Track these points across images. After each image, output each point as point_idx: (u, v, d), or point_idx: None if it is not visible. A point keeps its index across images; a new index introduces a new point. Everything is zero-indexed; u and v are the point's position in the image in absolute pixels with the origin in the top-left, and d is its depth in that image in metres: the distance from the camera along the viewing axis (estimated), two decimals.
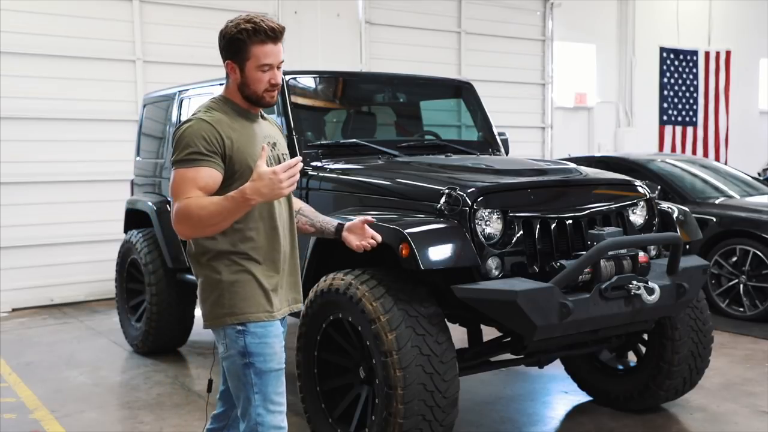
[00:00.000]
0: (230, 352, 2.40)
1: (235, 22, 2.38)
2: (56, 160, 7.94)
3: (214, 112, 2.39)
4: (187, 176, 2.28)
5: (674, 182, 7.33)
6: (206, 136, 2.30)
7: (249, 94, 2.42)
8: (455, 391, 3.34)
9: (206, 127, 2.32)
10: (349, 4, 9.99)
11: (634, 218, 3.85)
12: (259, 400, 2.39)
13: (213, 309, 2.41)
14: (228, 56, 2.41)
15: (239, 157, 2.35)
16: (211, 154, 2.30)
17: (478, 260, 3.31)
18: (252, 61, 2.37)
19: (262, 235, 2.42)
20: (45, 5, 7.81)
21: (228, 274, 2.38)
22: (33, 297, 7.88)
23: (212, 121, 2.34)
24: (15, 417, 4.51)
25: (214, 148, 2.30)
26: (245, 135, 2.40)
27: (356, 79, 5.40)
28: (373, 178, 3.98)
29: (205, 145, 2.29)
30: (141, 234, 5.84)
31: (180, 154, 2.30)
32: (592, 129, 13.08)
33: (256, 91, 2.40)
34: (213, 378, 2.72)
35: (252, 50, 2.35)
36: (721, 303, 6.65)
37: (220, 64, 2.48)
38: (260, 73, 2.38)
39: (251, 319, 2.38)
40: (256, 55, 2.36)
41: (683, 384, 4.23)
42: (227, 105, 2.44)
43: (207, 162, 2.29)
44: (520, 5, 11.63)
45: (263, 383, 2.39)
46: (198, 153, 2.29)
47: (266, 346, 2.40)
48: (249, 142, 2.39)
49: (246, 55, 2.37)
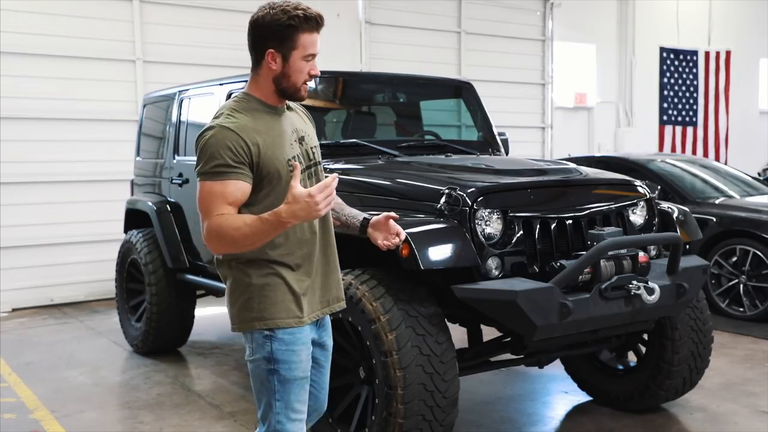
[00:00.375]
0: (256, 356, 2.34)
1: (281, 8, 2.25)
2: (56, 160, 7.94)
3: (237, 115, 2.27)
4: (215, 191, 2.19)
5: (674, 182, 7.33)
6: (231, 146, 2.19)
7: (287, 86, 2.32)
8: (455, 391, 3.34)
9: (231, 136, 2.20)
10: (349, 4, 9.99)
11: (634, 218, 3.85)
12: (280, 407, 2.34)
13: (241, 312, 2.33)
14: (271, 45, 2.27)
15: (267, 161, 2.25)
16: (239, 165, 2.20)
17: (478, 260, 3.31)
18: (299, 50, 2.27)
19: (294, 239, 2.33)
20: (45, 5, 7.81)
21: (258, 277, 2.30)
22: (33, 297, 7.88)
23: (236, 128, 2.22)
24: (15, 417, 4.51)
25: (241, 159, 2.20)
26: (271, 136, 2.28)
27: (356, 79, 5.40)
28: (373, 178, 3.98)
29: (231, 156, 2.19)
30: (141, 234, 5.84)
31: (205, 165, 2.20)
32: (592, 129, 13.08)
33: (296, 82, 2.31)
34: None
35: (301, 39, 2.26)
36: (721, 303, 6.65)
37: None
38: (304, 64, 2.29)
39: (280, 325, 2.30)
40: (304, 44, 2.27)
41: (683, 384, 4.23)
42: (251, 103, 2.33)
43: (235, 174, 2.19)
44: (520, 5, 11.63)
45: (286, 391, 2.33)
46: (225, 165, 2.18)
47: (293, 353, 2.32)
48: (276, 142, 2.29)
49: (294, 44, 2.26)
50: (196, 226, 5.30)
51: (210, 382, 5.16)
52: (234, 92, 4.97)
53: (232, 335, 6.44)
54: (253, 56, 2.35)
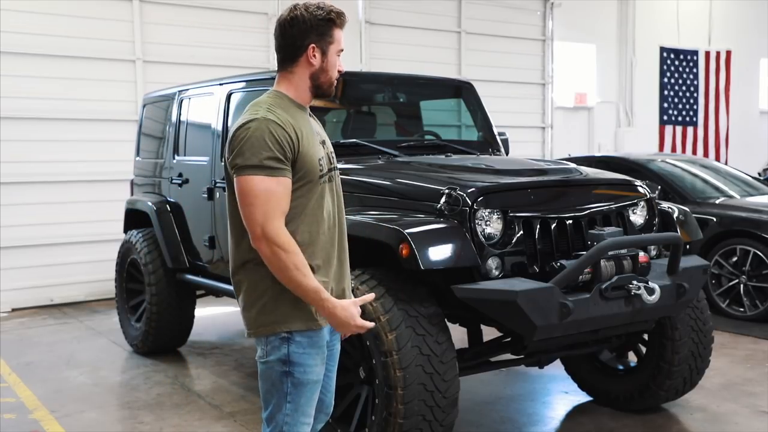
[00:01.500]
0: (269, 358, 2.30)
1: (315, 5, 2.32)
2: (56, 160, 7.94)
3: (277, 111, 2.22)
4: (270, 188, 2.14)
5: (674, 182, 7.33)
6: (279, 138, 2.16)
7: (323, 81, 2.34)
8: (455, 391, 3.34)
9: (276, 128, 2.16)
10: (349, 4, 9.97)
11: (634, 218, 3.84)
12: (290, 409, 2.31)
13: (259, 317, 2.29)
14: (312, 40, 2.30)
15: (305, 157, 2.23)
16: (286, 161, 2.17)
17: (478, 260, 3.31)
18: (335, 45, 2.34)
19: (317, 240, 2.30)
20: (45, 5, 7.81)
21: (276, 281, 2.24)
22: (33, 297, 7.87)
23: (282, 121, 2.19)
24: (15, 417, 4.51)
25: (287, 153, 2.17)
26: (307, 133, 2.27)
27: (356, 79, 5.40)
28: (373, 178, 3.98)
29: (279, 150, 2.15)
30: (141, 234, 5.84)
31: (252, 157, 2.13)
32: (593, 129, 13.07)
33: (331, 77, 2.35)
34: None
35: (336, 34, 2.34)
36: (722, 303, 6.65)
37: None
38: (337, 58, 2.37)
39: (300, 328, 2.28)
40: (338, 39, 2.35)
41: (683, 384, 4.22)
42: (284, 101, 2.30)
43: (284, 171, 2.16)
44: (520, 5, 11.63)
45: (298, 394, 2.31)
46: (274, 158, 2.14)
47: (309, 356, 2.30)
48: (311, 140, 2.28)
49: (331, 39, 2.34)
50: (196, 226, 5.33)
51: (210, 382, 5.15)
52: (234, 92, 4.98)
53: (232, 335, 6.44)
54: (289, 54, 2.34)
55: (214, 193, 4.99)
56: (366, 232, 3.47)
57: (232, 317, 7.04)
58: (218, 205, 4.95)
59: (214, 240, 5.07)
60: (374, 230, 3.44)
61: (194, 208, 5.33)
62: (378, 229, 3.43)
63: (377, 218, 3.53)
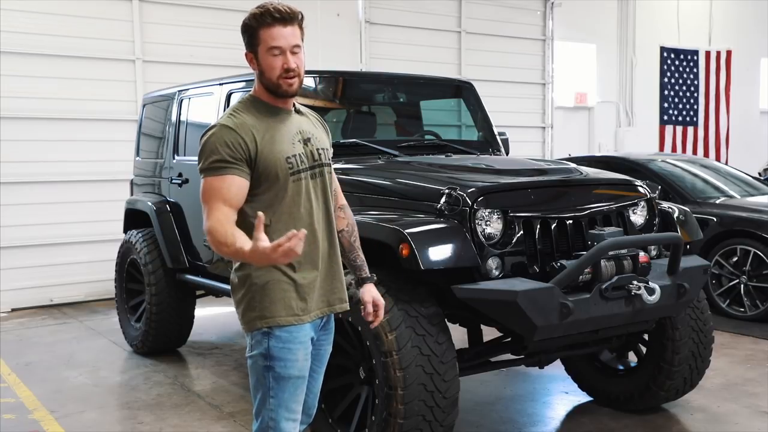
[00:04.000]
0: (254, 352, 2.37)
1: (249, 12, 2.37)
2: (56, 160, 7.93)
3: (238, 115, 2.34)
4: (214, 186, 2.26)
5: (675, 182, 7.32)
6: (229, 142, 2.27)
7: (267, 84, 2.37)
8: (455, 392, 3.33)
9: (229, 133, 2.28)
10: (349, 3, 9.98)
11: (634, 218, 3.84)
12: (274, 404, 2.36)
13: (246, 312, 2.38)
14: (246, 47, 2.39)
15: (264, 158, 2.30)
16: (235, 161, 2.27)
17: (478, 260, 3.30)
18: (262, 46, 2.33)
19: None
20: (45, 5, 7.81)
21: (261, 276, 2.34)
22: (33, 297, 7.87)
23: (235, 125, 2.30)
24: (14, 417, 4.50)
25: (238, 155, 2.27)
26: (271, 134, 2.34)
27: (356, 79, 5.40)
28: (373, 178, 3.98)
29: (228, 152, 2.26)
30: (141, 234, 5.84)
31: (204, 162, 2.29)
32: (593, 129, 13.07)
33: (270, 78, 2.34)
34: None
35: (261, 35, 2.32)
36: (722, 303, 6.65)
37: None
38: (271, 58, 2.32)
39: (279, 323, 2.33)
40: (264, 39, 2.32)
41: (684, 384, 4.22)
42: (254, 104, 2.39)
43: (231, 170, 2.26)
44: (520, 5, 11.62)
45: (281, 389, 2.35)
46: (221, 161, 2.26)
47: (288, 351, 2.34)
48: (276, 140, 2.33)
49: (256, 41, 2.34)
50: (196, 226, 5.33)
51: (210, 382, 5.15)
52: (234, 92, 4.97)
53: (232, 335, 6.44)
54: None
55: None
56: (366, 232, 3.46)
57: (232, 317, 7.03)
58: None
59: None
60: (374, 230, 3.44)
61: (194, 208, 5.33)
62: (378, 229, 3.43)
63: (377, 218, 3.53)
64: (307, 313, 2.38)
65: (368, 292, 2.58)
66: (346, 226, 2.62)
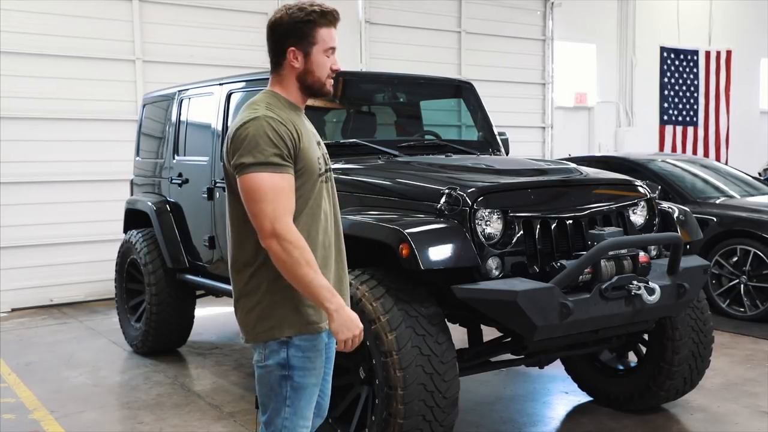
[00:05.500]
0: (267, 362, 2.28)
1: (298, 7, 2.28)
2: (56, 160, 7.93)
3: (275, 110, 2.23)
4: (279, 185, 2.13)
5: (675, 182, 7.32)
6: (282, 135, 2.16)
7: (312, 83, 2.30)
8: (455, 392, 3.33)
9: (279, 127, 2.17)
10: (349, 3, 9.98)
11: (634, 218, 3.84)
12: (290, 413, 2.30)
13: (259, 323, 2.27)
14: (291, 42, 2.28)
15: (305, 154, 2.23)
16: (289, 158, 2.18)
17: (478, 260, 3.30)
18: (319, 45, 2.28)
19: (316, 242, 2.28)
20: (45, 5, 7.81)
21: (278, 284, 2.24)
22: (32, 297, 7.87)
23: (281, 118, 2.20)
24: (14, 417, 4.50)
25: (290, 151, 2.18)
26: (304, 132, 2.27)
27: (356, 79, 5.40)
28: (373, 178, 3.97)
29: (283, 146, 2.16)
30: (141, 234, 5.84)
31: (259, 155, 2.12)
32: (593, 129, 13.07)
33: (320, 77, 2.30)
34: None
35: (320, 33, 2.28)
36: (722, 303, 6.65)
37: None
38: (325, 58, 2.30)
39: (299, 332, 2.26)
40: (323, 38, 2.29)
41: (684, 384, 4.22)
42: (280, 101, 2.29)
43: (288, 168, 2.16)
44: (520, 5, 11.62)
45: (298, 397, 2.29)
46: (279, 155, 2.14)
47: (308, 360, 2.28)
48: (309, 139, 2.29)
49: (313, 39, 2.28)
50: (196, 226, 5.33)
51: (210, 382, 5.15)
52: (234, 92, 4.97)
53: (232, 335, 6.44)
54: (275, 57, 2.34)
55: (214, 193, 4.99)
56: (366, 232, 3.47)
57: (232, 317, 6.96)
58: (218, 205, 4.95)
59: (214, 240, 5.07)
60: (374, 230, 3.44)
61: (194, 208, 5.33)
62: (378, 229, 3.43)
63: (377, 218, 3.53)
64: (325, 320, 2.29)
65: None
66: None
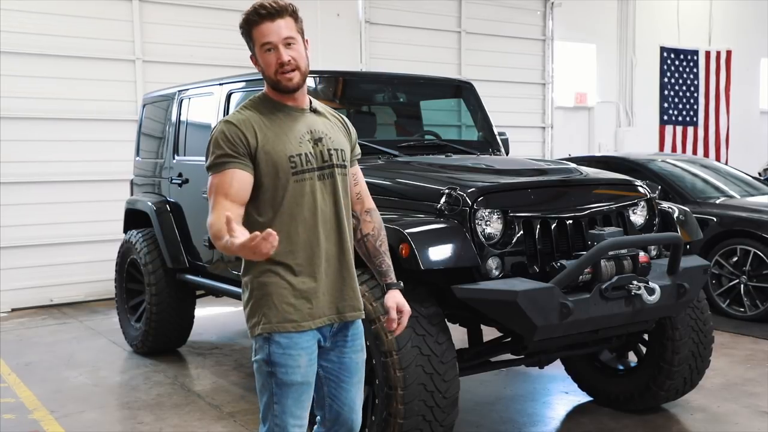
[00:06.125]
0: (257, 357, 2.35)
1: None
2: (56, 160, 7.93)
3: (244, 112, 2.35)
4: (215, 182, 2.27)
5: (675, 182, 7.32)
6: (230, 137, 2.27)
7: (269, 81, 2.35)
8: (455, 392, 3.33)
9: (230, 129, 2.29)
10: (349, 3, 9.98)
11: (634, 218, 3.84)
12: (278, 410, 2.33)
13: (249, 318, 2.36)
14: (249, 49, 2.39)
15: (265, 155, 2.28)
16: (237, 156, 2.26)
17: (478, 260, 3.30)
18: (256, 45, 2.32)
19: (295, 239, 2.30)
20: (45, 5, 7.81)
21: (259, 280, 2.31)
22: (32, 297, 7.87)
23: (237, 121, 2.30)
24: (14, 417, 4.50)
25: (239, 149, 2.26)
26: (274, 131, 2.31)
27: (356, 79, 5.40)
28: (373, 178, 3.96)
29: (229, 147, 2.26)
30: (141, 234, 5.84)
31: (209, 159, 2.30)
32: (593, 129, 13.07)
33: (269, 75, 2.32)
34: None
35: (253, 34, 2.32)
36: (722, 303, 6.65)
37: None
38: (266, 55, 2.31)
39: (278, 330, 2.29)
40: (256, 37, 2.31)
41: (684, 384, 4.22)
42: (263, 102, 2.38)
43: (232, 164, 2.25)
44: (520, 5, 11.62)
45: (283, 395, 2.32)
46: (223, 155, 2.26)
47: (289, 357, 2.30)
48: (280, 138, 2.31)
49: (252, 41, 2.33)
50: (196, 226, 5.33)
51: (210, 382, 5.15)
52: (234, 92, 4.98)
53: (232, 335, 6.44)
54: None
55: None
56: None
57: (232, 317, 7.03)
58: None
59: None
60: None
61: (194, 208, 5.33)
62: None
63: None
64: (310, 320, 2.31)
65: (392, 298, 2.49)
66: (372, 230, 2.55)
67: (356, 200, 2.53)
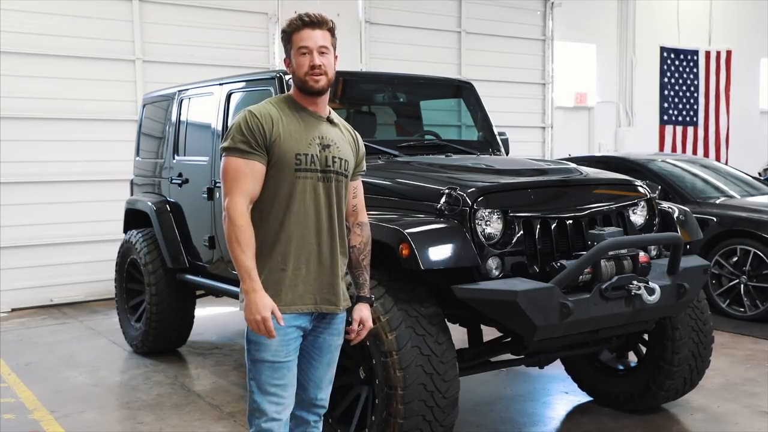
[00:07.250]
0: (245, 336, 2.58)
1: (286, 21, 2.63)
2: (56, 160, 7.93)
3: (267, 106, 2.56)
4: (241, 168, 2.45)
5: (675, 182, 7.32)
6: (252, 126, 2.48)
7: (296, 82, 2.57)
8: (455, 392, 3.33)
9: (252, 118, 2.49)
10: (349, 3, 9.98)
11: (634, 218, 3.84)
12: (254, 386, 2.54)
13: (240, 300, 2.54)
14: (285, 52, 2.64)
15: (277, 148, 2.48)
16: (257, 148, 2.47)
17: (478, 260, 3.30)
18: (293, 47, 2.56)
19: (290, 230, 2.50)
20: (45, 5, 7.81)
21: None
22: (32, 297, 7.87)
23: (260, 113, 2.51)
24: (14, 417, 4.50)
25: (257, 139, 2.47)
26: (289, 129, 2.52)
27: (356, 79, 5.40)
28: (373, 178, 3.96)
29: (250, 135, 2.47)
30: (140, 234, 5.83)
31: (227, 141, 2.49)
32: (593, 129, 13.07)
33: (300, 75, 2.54)
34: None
35: (293, 38, 2.56)
36: (722, 303, 6.65)
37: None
38: (300, 57, 2.53)
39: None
40: (295, 41, 2.55)
41: (684, 384, 4.22)
42: (288, 102, 2.60)
43: (255, 155, 2.46)
44: (520, 5, 11.62)
45: (258, 371, 2.53)
46: (245, 143, 2.46)
47: (260, 336, 2.47)
48: (293, 136, 2.51)
49: (290, 46, 2.57)
50: (196, 226, 5.33)
51: (210, 382, 5.15)
52: (234, 92, 4.99)
53: (232, 335, 6.44)
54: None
55: (214, 193, 4.99)
56: None
57: (232, 317, 7.03)
58: (218, 205, 4.94)
59: (214, 240, 5.06)
60: (374, 230, 3.42)
61: (194, 208, 5.33)
62: (378, 229, 3.42)
63: (377, 218, 3.53)
64: (284, 305, 2.49)
65: (359, 311, 2.71)
66: (359, 243, 2.73)
67: (351, 212, 2.72)
